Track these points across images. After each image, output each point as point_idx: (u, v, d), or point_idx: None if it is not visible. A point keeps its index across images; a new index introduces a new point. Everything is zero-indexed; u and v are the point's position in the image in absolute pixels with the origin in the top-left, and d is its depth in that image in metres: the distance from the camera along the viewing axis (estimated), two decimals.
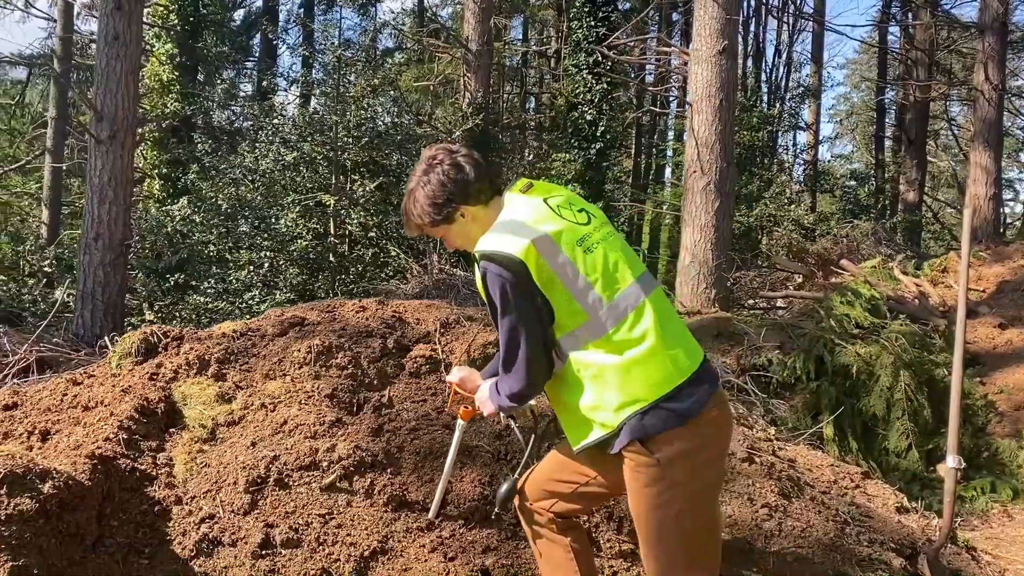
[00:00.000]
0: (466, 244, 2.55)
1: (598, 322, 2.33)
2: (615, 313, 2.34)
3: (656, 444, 2.30)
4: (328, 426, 3.55)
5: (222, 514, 3.24)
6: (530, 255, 2.28)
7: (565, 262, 2.33)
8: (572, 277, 2.33)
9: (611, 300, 2.34)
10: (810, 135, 25.45)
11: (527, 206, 2.43)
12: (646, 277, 2.46)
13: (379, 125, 14.21)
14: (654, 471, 2.31)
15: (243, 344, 4.03)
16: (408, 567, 3.20)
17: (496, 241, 2.33)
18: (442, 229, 2.54)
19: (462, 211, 2.48)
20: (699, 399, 2.34)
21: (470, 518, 3.40)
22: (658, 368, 2.32)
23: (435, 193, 2.45)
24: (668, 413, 2.29)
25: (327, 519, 3.27)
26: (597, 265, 2.36)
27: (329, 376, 3.83)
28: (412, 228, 2.59)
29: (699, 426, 2.32)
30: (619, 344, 2.32)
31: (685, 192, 11.58)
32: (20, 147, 21.60)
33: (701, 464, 2.35)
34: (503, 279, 2.29)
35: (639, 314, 2.35)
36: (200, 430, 3.58)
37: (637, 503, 2.40)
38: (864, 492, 4.21)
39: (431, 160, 2.48)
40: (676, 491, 2.32)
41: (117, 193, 9.15)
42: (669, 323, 2.41)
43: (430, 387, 3.93)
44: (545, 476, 2.75)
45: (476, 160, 2.51)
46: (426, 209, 2.48)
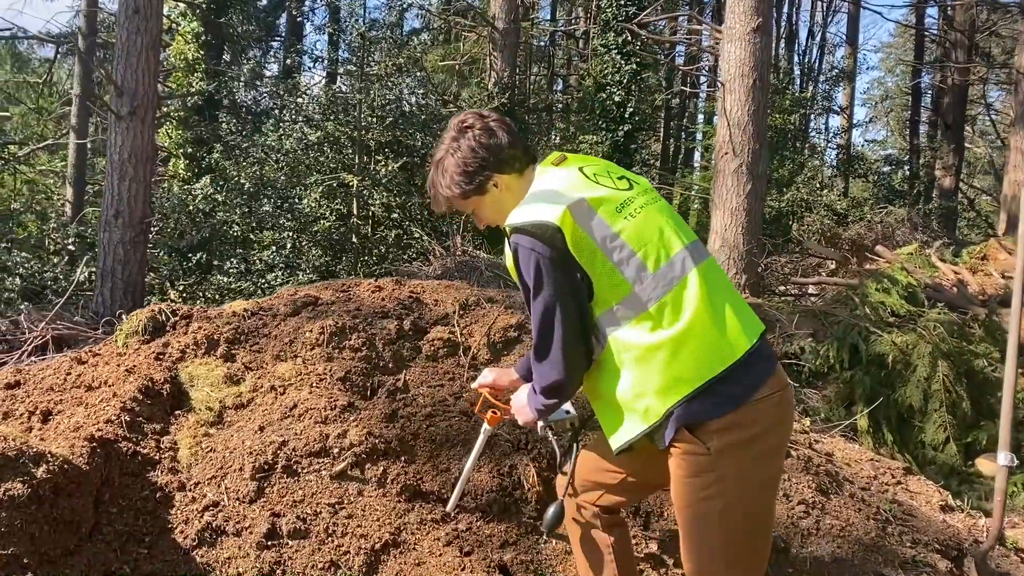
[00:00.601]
0: (498, 218, 2.36)
1: (641, 294, 2.10)
2: (660, 284, 2.11)
3: (706, 431, 2.07)
4: (340, 411, 3.37)
5: (227, 502, 3.08)
6: (566, 221, 2.08)
7: (605, 229, 2.12)
8: (613, 245, 2.11)
9: (656, 269, 2.12)
10: (844, 119, 24.91)
11: (561, 176, 2.24)
12: (696, 246, 2.23)
13: (404, 105, 14.02)
14: (703, 460, 2.09)
15: (254, 324, 3.86)
16: (421, 561, 3.02)
17: (528, 212, 2.14)
18: (473, 201, 2.35)
19: (495, 180, 2.29)
20: (754, 381, 2.10)
21: (488, 510, 3.22)
22: (708, 346, 2.09)
23: (466, 160, 2.26)
24: (719, 397, 2.07)
25: (337, 509, 3.10)
26: (641, 232, 2.15)
27: (342, 358, 3.65)
28: (440, 202, 2.38)
29: (755, 412, 2.08)
30: (664, 319, 2.09)
31: (716, 174, 11.27)
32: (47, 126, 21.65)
33: (757, 455, 2.10)
34: (536, 253, 2.09)
35: (686, 285, 2.12)
36: (207, 413, 3.42)
37: (680, 493, 2.17)
38: (906, 489, 3.97)
39: (461, 125, 2.30)
40: (725, 484, 2.09)
41: (137, 170, 9.02)
42: (721, 295, 2.17)
43: (447, 371, 3.74)
44: (590, 465, 2.51)
45: (509, 125, 2.32)
46: (456, 178, 2.29)
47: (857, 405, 7.69)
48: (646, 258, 2.12)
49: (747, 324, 2.17)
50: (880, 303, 9.33)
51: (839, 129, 25.69)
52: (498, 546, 3.13)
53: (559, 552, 3.18)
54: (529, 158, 2.34)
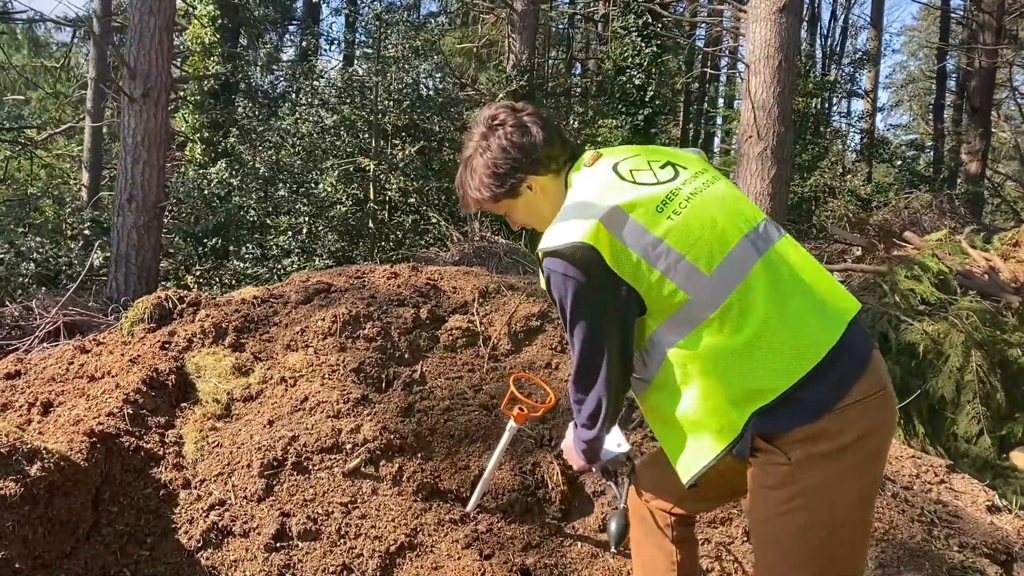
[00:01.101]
0: (533, 221, 2.16)
1: (699, 301, 1.85)
2: (719, 286, 1.85)
3: (786, 440, 1.82)
4: (353, 404, 3.20)
5: (234, 500, 2.91)
6: (600, 237, 1.83)
7: (644, 236, 1.86)
8: (657, 252, 1.85)
9: (711, 270, 1.85)
10: (867, 102, 24.45)
11: (593, 179, 1.99)
12: (761, 231, 1.95)
13: (421, 89, 13.81)
14: (783, 471, 1.83)
15: (264, 312, 3.69)
16: (439, 565, 2.85)
17: (560, 232, 1.88)
18: (505, 204, 2.13)
19: (529, 182, 2.07)
20: (841, 382, 1.82)
21: (509, 511, 3.04)
22: (781, 350, 1.82)
23: (496, 161, 2.05)
24: (801, 405, 1.81)
25: (350, 508, 2.93)
26: (689, 229, 1.88)
27: (355, 348, 3.47)
28: (469, 204, 2.16)
29: (846, 419, 1.81)
30: (729, 324, 1.83)
31: (739, 158, 11.02)
32: (65, 110, 21.60)
33: (849, 467, 1.82)
34: (571, 279, 1.85)
35: (751, 282, 1.86)
36: (213, 405, 3.25)
37: (756, 505, 1.92)
38: (950, 488, 3.76)
39: (491, 121, 2.08)
40: (809, 498, 1.82)
41: (151, 153, 8.88)
42: (795, 285, 1.90)
43: (467, 362, 3.56)
44: (663, 469, 2.23)
45: (544, 120, 2.09)
46: (485, 180, 2.08)
47: None
48: (697, 260, 1.85)
49: (830, 315, 1.89)
50: (910, 290, 9.08)
51: (863, 113, 25.24)
52: (520, 549, 2.96)
53: (584, 555, 3.00)
54: (568, 155, 2.11)
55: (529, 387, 3.40)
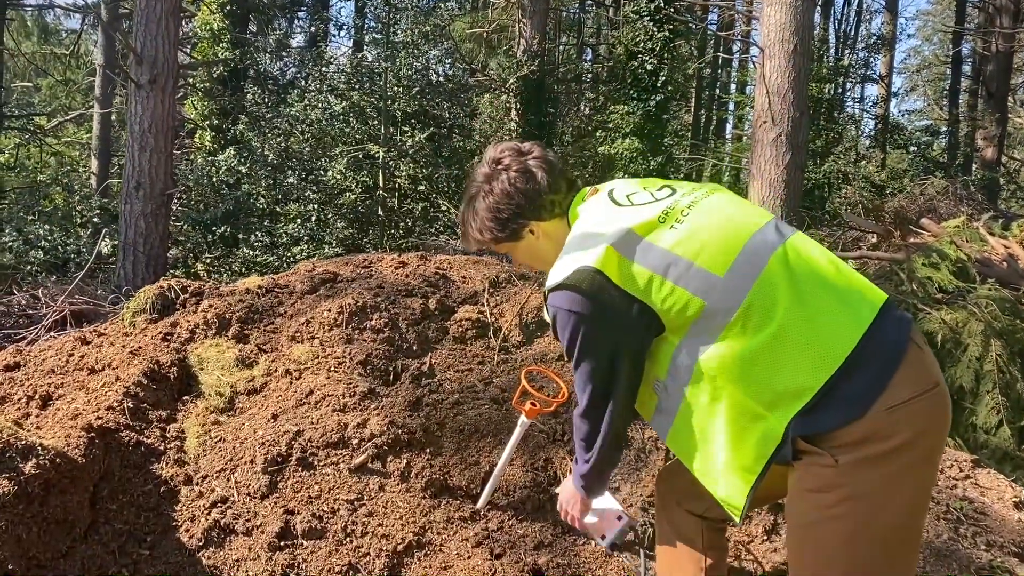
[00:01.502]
0: (535, 263, 2.15)
1: (718, 305, 1.77)
2: (736, 286, 1.77)
3: (832, 441, 1.71)
4: (360, 398, 3.10)
5: (236, 497, 2.82)
6: (608, 260, 1.80)
7: (654, 250, 1.81)
8: (667, 263, 1.79)
9: (725, 271, 1.78)
10: (882, 87, 24.17)
11: (594, 211, 1.97)
12: (771, 227, 1.88)
13: (431, 75, 13.67)
14: (828, 473, 1.72)
15: (268, 302, 3.59)
16: (448, 564, 2.75)
17: (564, 267, 1.85)
18: (507, 246, 2.13)
19: (531, 227, 2.05)
20: (878, 376, 1.70)
21: (520, 508, 2.95)
22: (808, 346, 1.72)
23: (499, 206, 2.02)
24: (839, 401, 1.70)
25: (356, 506, 2.84)
26: (694, 235, 1.81)
27: (362, 340, 3.37)
28: (471, 242, 2.15)
29: (896, 419, 1.69)
30: (751, 325, 1.74)
31: (753, 144, 10.85)
32: (75, 98, 21.56)
33: (901, 470, 1.70)
34: (577, 315, 1.81)
35: (769, 277, 1.77)
36: (216, 399, 3.17)
37: (797, 508, 1.81)
38: (976, 483, 3.64)
39: (495, 164, 2.03)
40: (856, 505, 1.71)
41: (158, 140, 8.79)
42: (813, 279, 1.80)
43: (477, 355, 3.46)
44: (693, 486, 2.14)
45: (550, 163, 2.04)
46: (487, 224, 2.05)
47: None
48: (708, 264, 1.78)
49: (854, 305, 1.78)
50: (927, 278, 8.92)
51: (877, 98, 24.94)
52: (532, 548, 2.86)
53: (598, 555, 2.90)
54: (571, 196, 2.08)
55: (541, 380, 3.30)
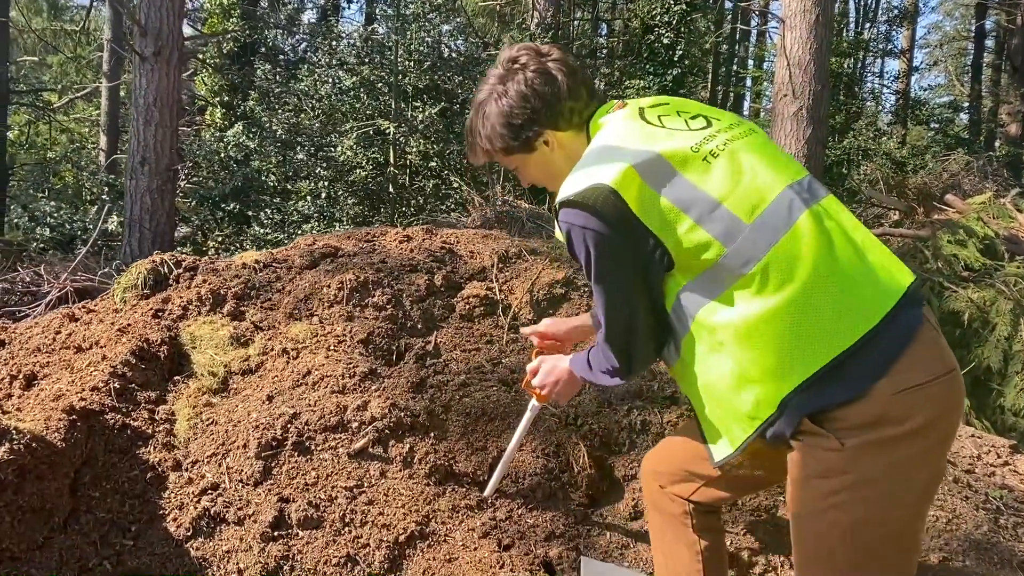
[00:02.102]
0: (546, 180, 1.95)
1: (737, 254, 1.60)
2: (761, 237, 1.60)
3: (838, 422, 1.58)
4: (360, 379, 2.92)
5: (228, 484, 2.65)
6: (628, 182, 1.62)
7: (680, 181, 1.64)
8: (692, 198, 1.63)
9: (752, 219, 1.61)
10: (903, 62, 23.68)
11: (620, 126, 1.77)
12: (808, 183, 1.72)
13: (442, 49, 13.40)
14: (833, 457, 1.59)
15: (266, 277, 3.41)
16: (453, 556, 2.58)
17: (579, 180, 1.67)
18: (517, 158, 1.91)
19: (546, 137, 1.84)
20: (889, 356, 1.56)
21: (531, 496, 2.76)
22: (832, 311, 1.58)
23: (512, 110, 1.81)
24: (851, 374, 1.56)
25: (355, 493, 2.66)
26: (728, 174, 1.65)
27: (364, 318, 3.19)
28: (478, 153, 1.94)
29: (910, 403, 1.55)
30: (770, 283, 1.59)
31: (773, 118, 10.57)
32: (87, 74, 21.41)
33: (912, 457, 1.57)
34: (591, 232, 1.64)
35: (797, 235, 1.61)
36: (209, 379, 2.99)
37: (799, 496, 1.68)
38: (1015, 470, 3.43)
39: (512, 64, 1.83)
40: (863, 492, 1.58)
41: (163, 115, 8.61)
42: (845, 242, 1.64)
43: (484, 333, 3.27)
44: (684, 451, 2.05)
45: (571, 68, 1.84)
46: (498, 130, 1.84)
47: None
48: (736, 207, 1.62)
49: (884, 279, 1.63)
50: (953, 256, 8.66)
51: (898, 73, 24.45)
52: (543, 539, 2.68)
53: (614, 545, 2.72)
54: (594, 107, 1.87)
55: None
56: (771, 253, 1.59)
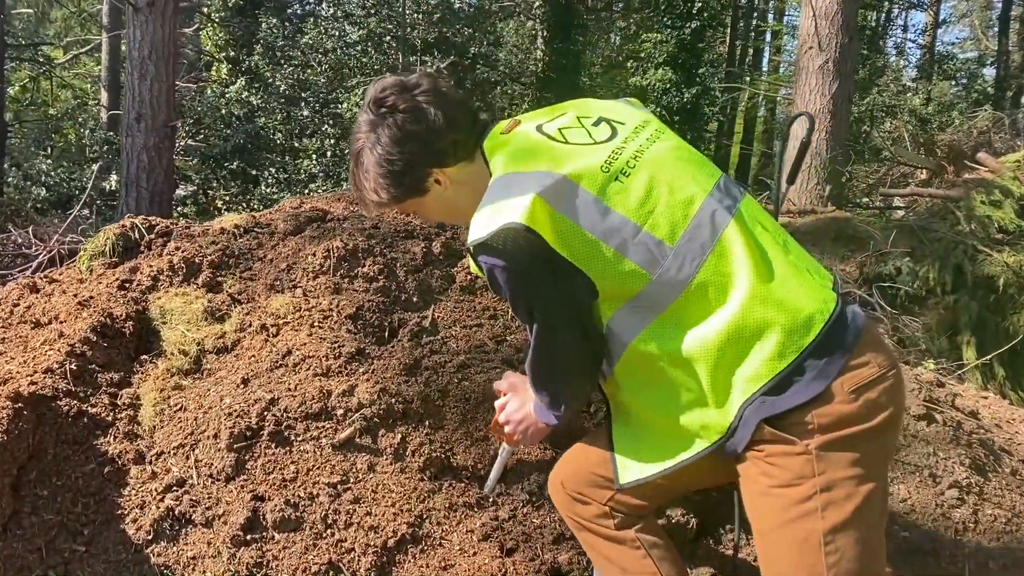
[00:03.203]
0: (450, 217, 1.82)
1: (665, 280, 1.54)
2: (688, 258, 1.54)
3: (800, 424, 1.52)
4: (346, 360, 2.60)
5: (196, 479, 2.35)
6: (538, 214, 1.51)
7: (593, 206, 1.55)
8: (608, 225, 1.54)
9: (676, 240, 1.55)
10: (929, 15, 22.90)
11: (519, 147, 1.67)
12: (724, 186, 1.66)
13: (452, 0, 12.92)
14: (800, 463, 1.53)
15: (246, 244, 3.08)
16: (449, 562, 2.28)
17: (488, 219, 1.56)
18: (411, 203, 1.76)
19: (435, 176, 1.69)
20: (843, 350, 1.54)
21: (537, 494, 2.45)
22: (778, 322, 1.52)
23: (389, 157, 1.65)
24: (809, 377, 1.52)
25: (339, 490, 2.36)
26: (643, 193, 1.57)
27: (353, 290, 2.86)
28: (369, 206, 1.77)
29: (870, 399, 1.53)
30: (708, 304, 1.55)
31: (797, 73, 10.10)
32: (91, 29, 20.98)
33: (876, 454, 1.56)
34: (513, 274, 1.55)
35: (725, 249, 1.56)
36: (180, 358, 2.68)
37: (765, 509, 1.60)
38: None
39: (378, 107, 1.66)
40: (835, 494, 1.52)
41: (159, 68, 8.24)
42: (775, 249, 1.61)
43: (487, 307, 2.94)
44: (593, 458, 1.89)
45: (443, 96, 1.67)
46: (381, 181, 1.68)
47: (962, 334, 6.83)
48: (658, 230, 1.55)
49: (819, 276, 1.64)
50: (987, 217, 8.24)
51: (924, 26, 23.67)
52: (550, 541, 2.37)
53: None
54: (480, 132, 1.73)
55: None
56: (700, 274, 1.53)
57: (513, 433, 2.01)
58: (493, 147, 1.69)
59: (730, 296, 1.53)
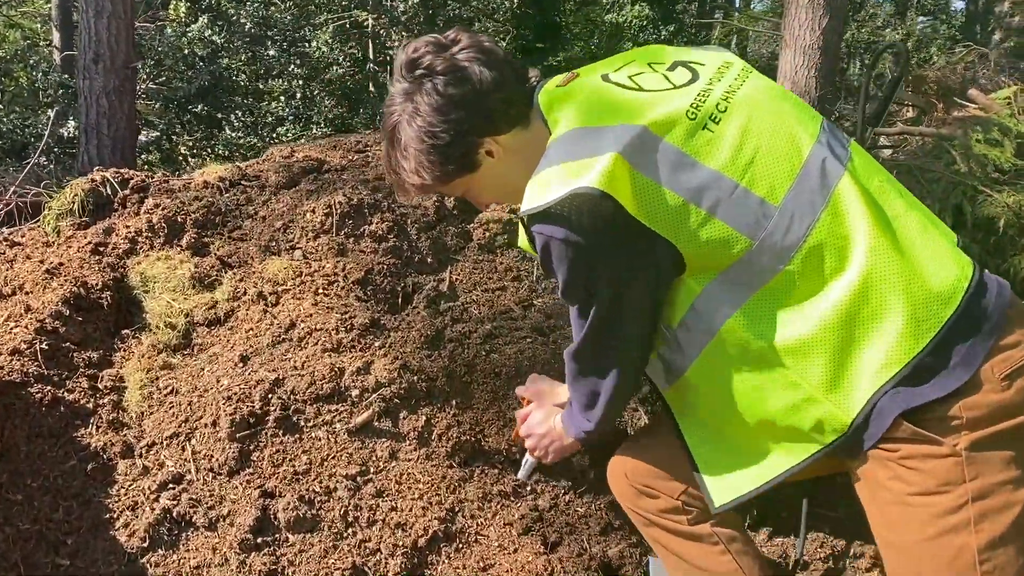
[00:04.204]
0: (506, 194, 1.56)
1: (768, 247, 1.31)
2: (796, 218, 1.31)
3: (944, 417, 1.28)
4: (359, 332, 2.30)
5: (195, 475, 2.06)
6: (617, 178, 1.28)
7: (681, 160, 1.32)
8: (702, 181, 1.31)
9: (781, 198, 1.32)
10: None
11: (585, 100, 1.42)
12: (830, 131, 1.41)
13: None
14: (948, 466, 1.29)
15: (234, 199, 2.73)
16: (488, 561, 2.03)
17: (550, 184, 1.32)
18: (460, 183, 1.50)
19: (487, 146, 1.44)
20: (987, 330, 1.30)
21: (580, 479, 2.20)
22: (910, 290, 1.29)
23: (433, 129, 1.39)
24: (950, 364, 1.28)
25: (359, 483, 2.08)
26: (739, 142, 1.34)
27: (360, 251, 2.54)
28: (408, 191, 1.52)
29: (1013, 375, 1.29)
30: (823, 271, 1.31)
31: (786, 7, 9.74)
32: None
33: None
34: (581, 247, 1.31)
35: (839, 208, 1.32)
36: (167, 332, 2.36)
37: (902, 524, 1.35)
38: None
39: (413, 71, 1.39)
40: (989, 502, 1.29)
41: (115, 4, 7.67)
42: (897, 206, 1.36)
43: (510, 267, 2.64)
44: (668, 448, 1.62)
45: (486, 50, 1.41)
46: (425, 161, 1.42)
47: None
48: (757, 185, 1.32)
49: (949, 240, 1.37)
50: (984, 156, 8.03)
51: None
52: (598, 532, 2.13)
53: None
54: (531, 90, 1.48)
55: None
56: (812, 236, 1.31)
57: (535, 448, 1.77)
58: (551, 103, 1.44)
59: (850, 263, 1.31)
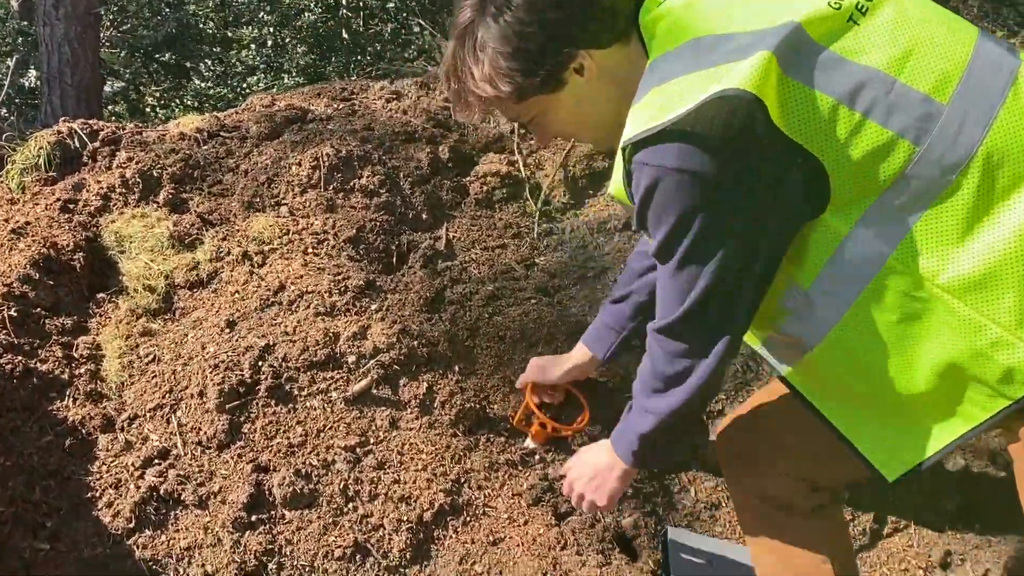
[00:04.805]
0: (581, 127, 1.35)
1: (936, 156, 1.10)
2: (969, 119, 1.11)
3: None
4: (354, 294, 2.15)
5: (182, 449, 1.92)
6: (769, 82, 1.06)
7: (829, 58, 1.12)
8: (855, 80, 1.11)
9: (949, 93, 1.12)
10: None
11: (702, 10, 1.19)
12: (989, 43, 1.19)
13: None
14: None
15: (213, 152, 2.55)
16: (498, 535, 1.92)
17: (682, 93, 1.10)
18: (536, 103, 1.27)
19: (579, 59, 1.21)
20: None
21: (590, 444, 2.08)
22: None
23: (523, 29, 1.17)
24: None
25: (359, 454, 1.95)
26: (892, 32, 1.15)
27: (350, 207, 2.38)
28: (471, 104, 1.29)
29: None
30: (994, 193, 1.11)
31: None
32: None
33: None
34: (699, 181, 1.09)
35: (1020, 106, 1.12)
36: (145, 296, 2.20)
37: None
38: None
39: None
40: None
41: None
42: None
43: (510, 223, 2.50)
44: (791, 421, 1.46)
45: None
46: (503, 66, 1.20)
47: None
48: (916, 80, 1.12)
49: None
50: None
51: None
52: (616, 507, 2.02)
53: (704, 505, 2.09)
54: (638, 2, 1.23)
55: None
56: (988, 141, 1.11)
57: (583, 496, 1.64)
58: (654, 20, 1.20)
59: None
